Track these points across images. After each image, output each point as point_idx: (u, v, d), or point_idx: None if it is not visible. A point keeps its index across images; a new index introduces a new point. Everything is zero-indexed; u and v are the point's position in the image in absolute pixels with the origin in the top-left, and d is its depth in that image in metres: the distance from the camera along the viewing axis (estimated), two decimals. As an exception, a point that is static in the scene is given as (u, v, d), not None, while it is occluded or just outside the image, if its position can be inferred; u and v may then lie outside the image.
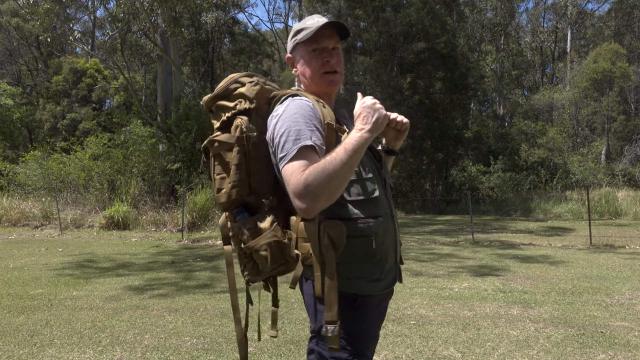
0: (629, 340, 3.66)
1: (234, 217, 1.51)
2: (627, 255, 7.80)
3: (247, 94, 1.51)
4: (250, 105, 1.50)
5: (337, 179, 1.30)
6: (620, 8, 30.05)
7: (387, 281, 1.52)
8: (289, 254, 1.46)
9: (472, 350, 3.48)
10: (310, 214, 1.33)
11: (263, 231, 1.44)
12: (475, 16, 27.13)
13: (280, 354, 3.39)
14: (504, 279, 5.99)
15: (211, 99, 1.57)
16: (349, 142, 1.36)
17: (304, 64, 1.56)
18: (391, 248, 1.52)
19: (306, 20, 1.58)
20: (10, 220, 12.85)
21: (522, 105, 29.60)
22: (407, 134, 1.71)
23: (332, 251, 1.37)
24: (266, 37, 33.03)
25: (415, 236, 10.74)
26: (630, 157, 20.96)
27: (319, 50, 1.54)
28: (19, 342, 3.71)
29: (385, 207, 1.51)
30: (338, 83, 1.57)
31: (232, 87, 1.54)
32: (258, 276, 1.51)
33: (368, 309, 1.48)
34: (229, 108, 1.53)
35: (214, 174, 1.53)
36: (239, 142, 1.46)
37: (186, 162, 13.72)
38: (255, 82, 1.54)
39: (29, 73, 31.74)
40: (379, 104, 1.47)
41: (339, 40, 1.57)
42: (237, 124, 1.48)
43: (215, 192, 1.52)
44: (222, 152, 1.50)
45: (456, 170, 20.62)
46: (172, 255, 8.15)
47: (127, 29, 15.74)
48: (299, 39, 1.55)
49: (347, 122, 1.61)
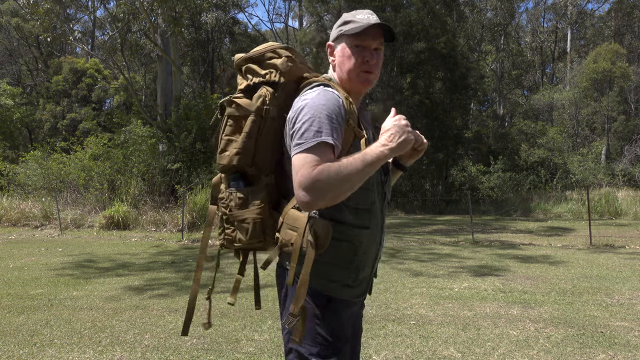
0: (629, 340, 3.66)
1: (229, 182, 1.51)
2: (627, 255, 7.80)
3: (280, 67, 1.50)
4: (280, 78, 1.49)
5: (347, 185, 1.30)
6: (620, 8, 30.04)
7: (359, 290, 1.52)
8: (269, 235, 1.46)
9: (472, 350, 3.48)
10: (309, 208, 1.33)
11: (252, 205, 1.45)
12: (475, 16, 27.13)
13: (280, 354, 3.39)
14: (504, 279, 5.99)
15: (244, 59, 1.56)
16: (369, 153, 1.36)
17: (343, 56, 1.54)
18: (370, 260, 1.53)
19: (357, 13, 1.55)
20: (10, 220, 12.84)
21: (522, 105, 29.61)
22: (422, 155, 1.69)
23: (313, 248, 1.37)
24: (266, 37, 33.05)
25: (415, 236, 10.74)
26: (630, 157, 20.95)
27: (361, 47, 1.52)
28: (19, 342, 3.71)
29: (377, 219, 1.52)
30: (371, 83, 1.56)
31: (268, 55, 1.53)
32: (232, 244, 1.52)
33: (343, 309, 1.49)
34: (258, 74, 1.52)
35: (222, 133, 1.51)
36: (258, 112, 1.45)
37: (186, 162, 13.72)
38: (291, 57, 1.53)
39: (29, 73, 31.74)
40: (410, 127, 1.46)
41: (383, 42, 1.56)
42: (261, 94, 1.47)
43: (218, 152, 1.51)
44: (237, 116, 1.48)
45: (456, 170, 20.62)
46: (172, 255, 8.15)
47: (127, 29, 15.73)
48: (345, 30, 1.53)
49: (368, 126, 1.60)
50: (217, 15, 23.33)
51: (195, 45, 26.16)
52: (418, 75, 20.28)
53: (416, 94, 19.58)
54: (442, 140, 19.83)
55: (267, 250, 1.52)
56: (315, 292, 1.44)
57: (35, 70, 31.38)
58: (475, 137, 23.95)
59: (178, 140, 13.68)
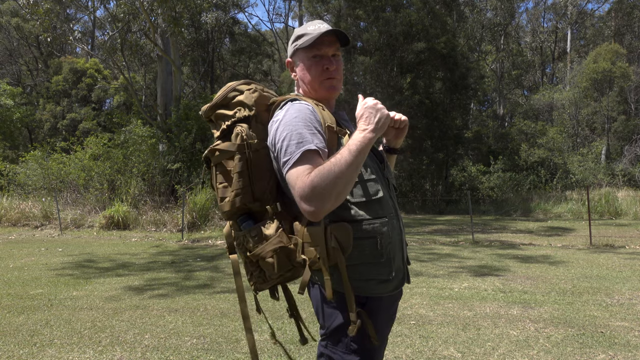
0: (629, 340, 3.66)
1: (239, 226, 1.50)
2: (627, 255, 7.80)
3: (245, 102, 1.51)
4: (250, 112, 1.50)
5: (342, 180, 1.30)
6: (620, 8, 30.04)
7: (396, 281, 1.51)
8: (295, 260, 1.44)
9: (472, 350, 3.48)
10: (317, 217, 1.32)
11: (268, 238, 1.43)
12: (475, 16, 27.13)
13: (280, 354, 3.39)
14: (504, 279, 5.99)
15: (210, 109, 1.57)
16: (353, 143, 1.36)
17: (303, 69, 1.56)
18: (398, 248, 1.52)
19: (307, 25, 1.58)
20: (10, 220, 12.84)
21: (522, 105, 29.60)
22: (406, 132, 1.72)
23: (341, 253, 1.37)
24: (266, 37, 33.03)
25: (415, 236, 10.74)
26: (630, 157, 20.95)
27: (319, 56, 1.54)
28: (19, 342, 3.71)
29: (389, 208, 1.51)
30: (337, 89, 1.57)
31: (231, 95, 1.54)
32: (265, 284, 1.51)
33: (378, 312, 1.47)
34: (228, 116, 1.53)
35: (216, 183, 1.52)
36: (240, 149, 1.46)
37: (186, 162, 13.72)
38: (253, 89, 1.54)
39: (29, 73, 31.73)
40: (381, 104, 1.47)
41: (340, 47, 1.57)
42: (237, 132, 1.47)
43: (219, 202, 1.51)
44: (223, 161, 1.49)
45: (456, 170, 20.62)
46: (172, 255, 8.15)
47: (127, 29, 15.73)
48: (299, 45, 1.55)
49: (347, 124, 1.61)
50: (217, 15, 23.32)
51: (195, 45, 26.15)
52: (418, 75, 20.28)
53: (416, 94, 19.58)
54: (442, 140, 19.83)
55: (299, 277, 1.50)
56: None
57: (35, 70, 31.38)
58: (475, 137, 23.96)
59: (178, 140, 13.68)
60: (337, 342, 1.45)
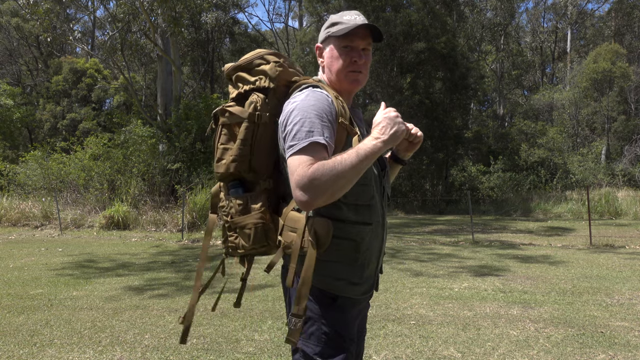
0: (629, 340, 3.66)
1: (228, 190, 1.52)
2: (627, 255, 7.80)
3: (269, 73, 1.51)
4: (270, 84, 1.50)
5: (343, 180, 1.31)
6: (620, 8, 30.04)
7: (365, 287, 1.52)
8: (272, 238, 1.47)
9: (472, 350, 3.48)
10: (308, 208, 1.33)
11: (252, 210, 1.46)
12: (475, 16, 27.12)
13: (280, 354, 3.39)
14: (504, 279, 5.99)
15: (233, 68, 1.57)
16: (363, 147, 1.36)
17: (332, 57, 1.55)
18: (374, 256, 1.53)
19: (343, 14, 1.57)
20: (10, 220, 12.84)
21: (522, 105, 29.60)
22: (418, 147, 1.72)
23: (314, 248, 1.38)
24: (266, 37, 33.04)
25: (415, 236, 10.74)
26: (630, 157, 20.95)
27: (349, 47, 1.53)
28: (19, 342, 3.71)
29: (378, 215, 1.52)
30: (361, 83, 1.57)
31: (257, 62, 1.54)
32: (236, 251, 1.53)
33: (348, 308, 1.49)
34: (248, 82, 1.53)
35: (218, 142, 1.53)
36: (251, 118, 1.46)
37: (186, 162, 13.72)
38: (280, 63, 1.53)
39: (29, 73, 31.73)
40: (400, 117, 1.48)
41: (371, 42, 1.57)
42: (252, 100, 1.48)
43: (215, 161, 1.53)
44: (230, 124, 1.50)
45: (456, 170, 20.62)
46: (172, 255, 8.15)
47: (127, 29, 15.72)
48: (332, 32, 1.54)
49: (360, 123, 1.61)
50: (217, 15, 23.32)
51: (195, 45, 26.15)
52: (418, 75, 20.28)
53: (416, 94, 19.58)
54: (442, 140, 19.83)
55: (271, 254, 1.53)
56: (320, 292, 1.44)
57: (35, 70, 31.37)
58: (475, 137, 23.95)
59: (178, 140, 13.68)
60: (309, 336, 1.45)
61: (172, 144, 13.83)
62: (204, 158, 13.87)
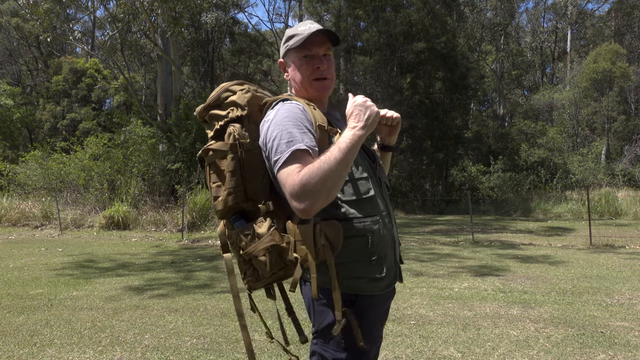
0: (629, 340, 3.66)
1: (232, 225, 1.51)
2: (627, 255, 7.80)
3: (238, 102, 1.53)
4: (242, 112, 1.52)
5: (332, 177, 1.31)
6: (620, 8, 30.03)
7: (388, 280, 1.51)
8: (287, 258, 1.45)
9: (472, 350, 3.48)
10: (308, 215, 1.33)
11: (261, 236, 1.44)
12: (475, 16, 27.11)
13: (280, 354, 3.39)
14: (504, 279, 5.99)
15: (204, 109, 1.59)
16: (343, 140, 1.37)
17: (294, 69, 1.58)
18: (389, 246, 1.52)
19: (298, 26, 1.59)
20: (10, 220, 12.84)
21: (522, 105, 29.59)
22: (399, 129, 1.73)
23: (330, 251, 1.38)
24: (266, 37, 33.02)
25: (415, 236, 10.74)
26: (630, 157, 20.95)
27: (309, 56, 1.55)
28: (19, 342, 3.70)
29: (381, 206, 1.52)
30: (328, 89, 1.58)
31: (224, 95, 1.56)
32: (258, 282, 1.52)
33: (368, 310, 1.48)
34: (221, 117, 1.54)
35: (210, 182, 1.54)
36: (233, 149, 1.47)
37: (186, 162, 13.73)
38: (246, 89, 1.56)
39: (29, 73, 31.72)
40: (370, 101, 1.48)
41: (331, 47, 1.58)
42: (229, 132, 1.49)
43: (212, 201, 1.53)
44: (217, 161, 1.51)
45: (456, 170, 20.62)
46: (172, 255, 8.15)
47: (127, 29, 15.73)
48: (290, 45, 1.57)
49: (339, 123, 1.62)
50: (217, 15, 23.29)
51: (195, 45, 26.14)
52: (418, 75, 20.28)
53: (416, 94, 19.58)
54: (442, 140, 19.83)
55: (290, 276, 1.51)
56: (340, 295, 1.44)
57: (35, 70, 31.37)
58: (475, 137, 23.95)
59: (178, 140, 13.68)
60: (329, 340, 1.45)
61: (172, 144, 13.83)
62: (204, 158, 13.86)
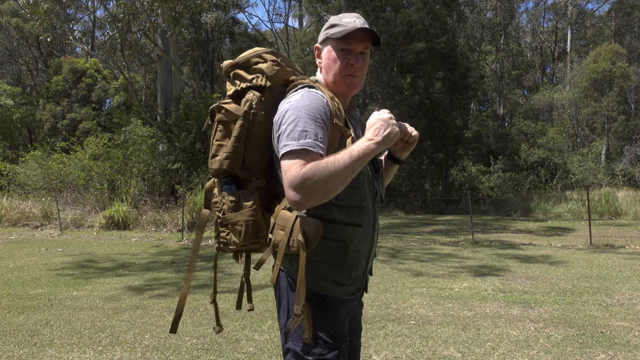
0: (629, 340, 3.66)
1: (221, 186, 1.53)
2: (627, 255, 7.80)
3: (266, 71, 1.51)
4: (267, 83, 1.51)
5: (335, 181, 1.31)
6: (620, 8, 30.03)
7: (352, 288, 1.53)
8: (262, 236, 1.49)
9: (472, 350, 3.48)
10: (300, 207, 1.34)
11: (244, 208, 1.47)
12: (475, 16, 27.11)
13: (280, 354, 3.39)
14: (504, 279, 5.99)
15: (231, 66, 1.59)
16: (356, 149, 1.37)
17: (329, 58, 1.56)
18: (364, 257, 1.53)
19: (343, 16, 1.57)
20: (10, 220, 12.84)
21: (522, 105, 29.59)
22: (414, 147, 1.72)
23: (303, 249, 1.38)
24: (266, 37, 33.03)
25: (415, 236, 10.74)
26: (630, 157, 20.95)
27: (347, 50, 1.53)
28: (19, 342, 3.71)
29: (369, 218, 1.52)
30: (356, 87, 1.57)
31: (254, 60, 1.55)
32: (228, 247, 1.55)
33: (338, 307, 1.49)
34: (245, 79, 1.54)
35: (213, 138, 1.55)
36: (246, 116, 1.47)
37: (186, 162, 13.72)
38: (277, 62, 1.54)
39: (29, 73, 31.72)
40: (394, 119, 1.48)
41: (370, 46, 1.57)
42: (248, 98, 1.49)
43: (210, 157, 1.55)
44: (226, 120, 1.52)
45: (456, 170, 20.62)
46: (172, 255, 8.15)
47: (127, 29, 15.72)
48: (331, 34, 1.54)
49: (356, 125, 1.62)
50: (217, 15, 23.30)
51: (195, 45, 26.14)
52: (418, 75, 20.28)
53: (416, 94, 19.58)
54: (442, 140, 19.83)
55: (262, 252, 1.55)
56: (309, 291, 1.44)
57: (35, 70, 31.37)
58: (475, 137, 23.95)
59: (178, 140, 13.68)
60: (300, 335, 1.45)
61: (172, 144, 13.83)
62: (204, 158, 13.86)
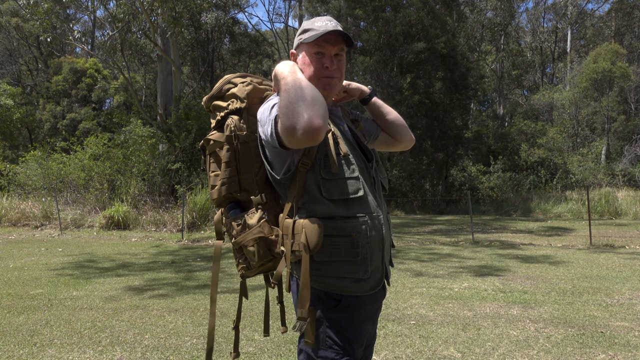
0: (629, 340, 3.66)
1: (227, 213, 1.57)
2: (627, 255, 7.80)
3: (238, 94, 1.57)
4: (241, 104, 1.55)
5: (298, 94, 1.35)
6: (620, 8, 30.03)
7: (373, 282, 1.50)
8: (274, 251, 1.49)
9: (472, 350, 3.48)
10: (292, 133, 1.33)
11: (251, 227, 1.49)
12: (475, 16, 27.12)
13: (280, 354, 3.39)
14: (504, 279, 5.99)
15: (208, 99, 1.66)
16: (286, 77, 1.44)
17: (304, 63, 1.57)
18: (377, 248, 1.50)
19: (315, 20, 1.57)
20: (10, 220, 12.84)
21: (522, 105, 29.60)
22: (353, 85, 1.80)
23: (306, 251, 1.38)
24: (266, 37, 33.02)
25: (415, 236, 10.74)
26: (630, 157, 20.95)
27: (321, 53, 1.54)
28: (19, 342, 3.71)
29: (372, 207, 1.50)
30: (333, 88, 1.57)
31: (225, 87, 1.61)
32: (249, 271, 1.57)
33: (355, 309, 1.47)
34: (222, 108, 1.60)
35: (209, 171, 1.60)
36: (229, 140, 1.52)
37: (186, 162, 13.73)
38: (247, 82, 1.60)
39: (29, 73, 31.73)
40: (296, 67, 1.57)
41: (344, 47, 1.57)
42: (227, 124, 1.54)
43: (210, 189, 1.59)
44: (216, 150, 1.57)
45: (456, 170, 20.61)
46: (172, 255, 8.15)
47: (127, 29, 15.74)
48: (304, 39, 1.56)
49: (339, 121, 1.62)
50: (217, 15, 23.29)
51: (195, 45, 26.16)
52: (418, 75, 20.27)
53: (416, 94, 19.57)
54: (442, 140, 19.83)
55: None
56: (324, 294, 1.44)
57: (35, 70, 31.38)
58: (475, 137, 23.93)
59: (178, 140, 13.68)
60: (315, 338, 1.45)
61: (172, 144, 13.83)
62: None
